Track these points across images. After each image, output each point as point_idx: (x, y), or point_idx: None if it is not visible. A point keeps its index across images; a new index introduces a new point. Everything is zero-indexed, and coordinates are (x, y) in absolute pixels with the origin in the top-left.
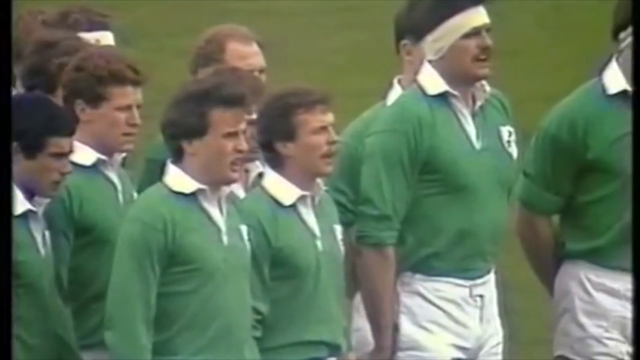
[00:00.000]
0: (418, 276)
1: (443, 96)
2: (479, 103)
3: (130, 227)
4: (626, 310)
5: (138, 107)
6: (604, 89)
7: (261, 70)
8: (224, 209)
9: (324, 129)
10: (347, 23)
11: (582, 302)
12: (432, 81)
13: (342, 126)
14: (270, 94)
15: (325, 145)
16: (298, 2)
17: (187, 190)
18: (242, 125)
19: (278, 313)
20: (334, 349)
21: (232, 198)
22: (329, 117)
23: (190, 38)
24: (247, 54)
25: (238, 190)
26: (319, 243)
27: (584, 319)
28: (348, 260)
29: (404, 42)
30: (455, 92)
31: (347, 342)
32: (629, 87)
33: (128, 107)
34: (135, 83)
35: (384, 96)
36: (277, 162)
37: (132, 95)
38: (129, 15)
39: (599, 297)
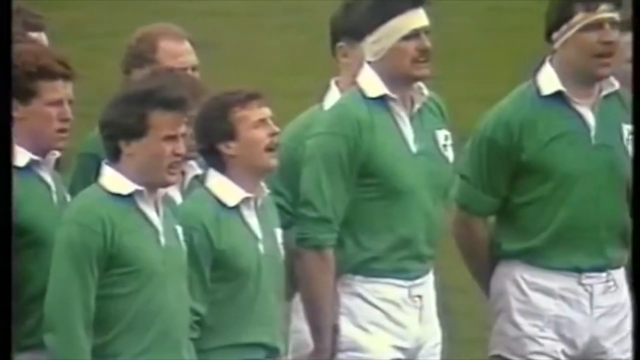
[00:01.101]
0: (358, 278)
1: (382, 99)
2: (417, 106)
3: (67, 230)
4: (560, 310)
5: (70, 102)
6: (538, 91)
7: (194, 68)
8: (161, 211)
9: (263, 121)
10: (286, 24)
11: (517, 301)
12: (372, 84)
13: (281, 127)
14: (205, 99)
15: (267, 137)
16: (236, 2)
17: (124, 192)
18: (182, 129)
19: (217, 314)
20: (273, 351)
21: (167, 199)
22: (266, 111)
23: (128, 38)
24: (179, 52)
25: (174, 192)
26: (260, 246)
27: (519, 319)
28: (287, 262)
29: (340, 44)
30: (394, 96)
31: (285, 344)
32: (562, 88)
33: (59, 102)
34: (65, 77)
35: (322, 98)
36: (220, 164)
37: (62, 89)
38: (67, 14)
39: (534, 296)
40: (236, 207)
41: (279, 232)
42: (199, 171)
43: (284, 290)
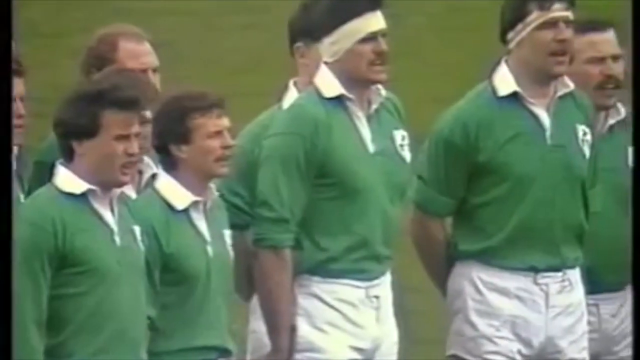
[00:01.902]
0: (315, 278)
1: (339, 99)
2: (374, 106)
3: (19, 229)
4: (516, 309)
5: (21, 99)
6: (494, 91)
7: (154, 69)
8: (116, 210)
9: (219, 133)
10: (245, 23)
11: (474, 301)
12: (329, 84)
13: (240, 127)
14: (166, 97)
15: (220, 149)
16: (195, 1)
17: (77, 191)
18: (134, 129)
19: (168, 318)
20: (224, 352)
21: (123, 199)
22: (225, 122)
23: (85, 37)
24: (139, 52)
25: (130, 191)
26: (209, 248)
27: (475, 319)
28: (244, 263)
29: (297, 44)
30: (351, 95)
31: (236, 344)
32: (518, 89)
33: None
34: (18, 74)
35: (280, 98)
36: (171, 165)
37: (15, 86)
38: (22, 13)
39: (491, 296)
40: (185, 210)
41: (227, 233)
42: (156, 170)
43: (242, 291)
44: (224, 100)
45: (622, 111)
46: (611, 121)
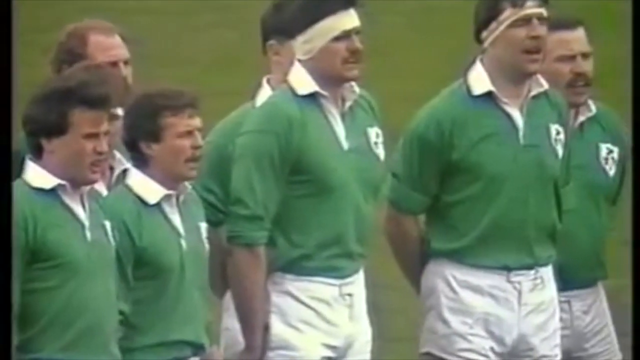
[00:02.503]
0: (289, 276)
1: (313, 96)
2: (348, 104)
3: None
4: (489, 307)
5: None
6: (469, 90)
7: (126, 62)
8: (87, 205)
9: (190, 133)
10: (217, 22)
11: (447, 299)
12: (302, 81)
13: (210, 125)
14: (139, 93)
15: (190, 149)
16: (167, 0)
17: (47, 186)
18: (104, 127)
19: (142, 313)
20: (198, 348)
21: (94, 194)
22: (196, 122)
23: (56, 34)
24: (110, 45)
25: (100, 187)
26: (183, 242)
27: (449, 316)
28: (218, 260)
29: (270, 42)
30: (325, 93)
31: (211, 340)
32: (492, 88)
33: None
34: None
35: (253, 96)
36: (141, 161)
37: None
38: None
39: (464, 294)
40: (157, 204)
41: (203, 226)
42: (127, 165)
43: (215, 288)
44: (197, 99)
45: (593, 108)
46: (582, 118)
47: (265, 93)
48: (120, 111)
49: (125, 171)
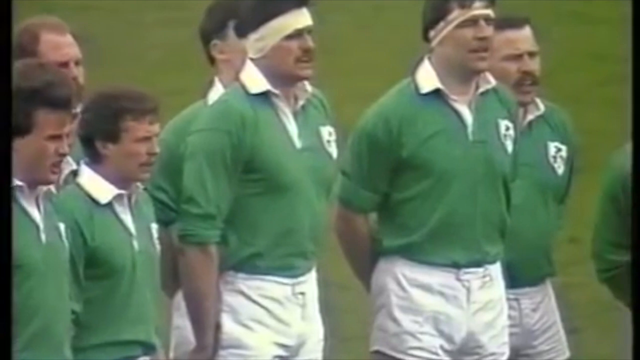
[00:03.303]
0: (241, 275)
1: (265, 95)
2: (300, 102)
3: None
4: (439, 305)
5: None
6: (417, 88)
7: (77, 62)
8: (42, 207)
9: (147, 139)
10: (166, 20)
11: (397, 297)
12: (254, 80)
13: (161, 125)
14: (101, 92)
15: (146, 155)
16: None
17: None
18: (67, 128)
19: (93, 312)
20: (149, 348)
21: (49, 195)
22: (155, 128)
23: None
24: (61, 44)
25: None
26: (135, 242)
27: (399, 315)
28: (169, 259)
29: (213, 42)
30: (277, 92)
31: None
32: (441, 86)
33: None
34: None
35: (205, 94)
36: (95, 159)
37: None
38: None
39: (414, 292)
40: (109, 204)
41: (154, 227)
42: (74, 166)
43: (166, 286)
44: (157, 107)
45: (541, 107)
46: (530, 117)
47: (217, 91)
48: (77, 110)
49: (74, 172)
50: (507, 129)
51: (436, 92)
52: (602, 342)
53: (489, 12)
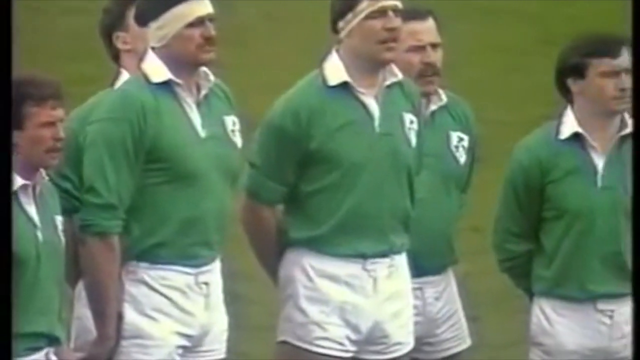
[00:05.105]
0: (143, 264)
1: (167, 84)
2: (203, 92)
3: None
4: (346, 296)
5: None
6: (325, 81)
7: None
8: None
9: (52, 124)
10: (71, 9)
11: (305, 288)
12: (156, 69)
13: (65, 114)
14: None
15: (51, 140)
16: None
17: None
18: (58, 113)
19: None
20: (52, 340)
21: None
22: (59, 113)
23: None
24: None
25: None
26: (39, 234)
27: (306, 305)
28: (72, 248)
29: (117, 34)
30: (179, 81)
31: (66, 332)
32: (348, 79)
33: None
34: None
35: (112, 83)
36: None
37: None
38: None
39: (321, 283)
40: (14, 194)
41: (59, 219)
42: None
43: (70, 277)
44: (61, 90)
45: (444, 97)
46: (433, 107)
47: (124, 80)
48: None
49: None
50: (411, 122)
51: (344, 85)
52: (503, 329)
53: (397, 3)
